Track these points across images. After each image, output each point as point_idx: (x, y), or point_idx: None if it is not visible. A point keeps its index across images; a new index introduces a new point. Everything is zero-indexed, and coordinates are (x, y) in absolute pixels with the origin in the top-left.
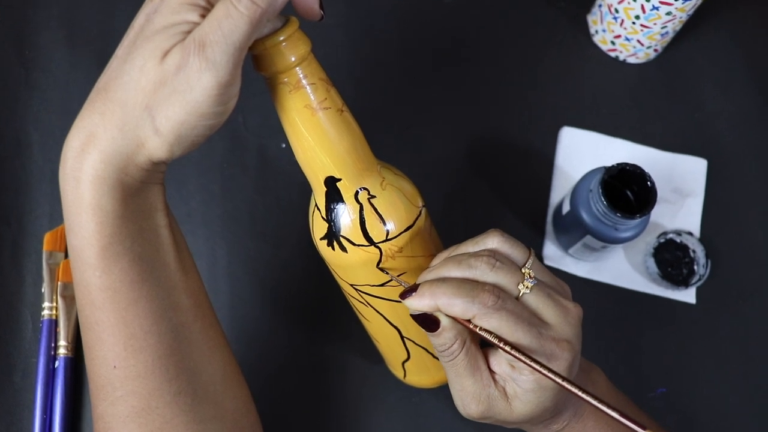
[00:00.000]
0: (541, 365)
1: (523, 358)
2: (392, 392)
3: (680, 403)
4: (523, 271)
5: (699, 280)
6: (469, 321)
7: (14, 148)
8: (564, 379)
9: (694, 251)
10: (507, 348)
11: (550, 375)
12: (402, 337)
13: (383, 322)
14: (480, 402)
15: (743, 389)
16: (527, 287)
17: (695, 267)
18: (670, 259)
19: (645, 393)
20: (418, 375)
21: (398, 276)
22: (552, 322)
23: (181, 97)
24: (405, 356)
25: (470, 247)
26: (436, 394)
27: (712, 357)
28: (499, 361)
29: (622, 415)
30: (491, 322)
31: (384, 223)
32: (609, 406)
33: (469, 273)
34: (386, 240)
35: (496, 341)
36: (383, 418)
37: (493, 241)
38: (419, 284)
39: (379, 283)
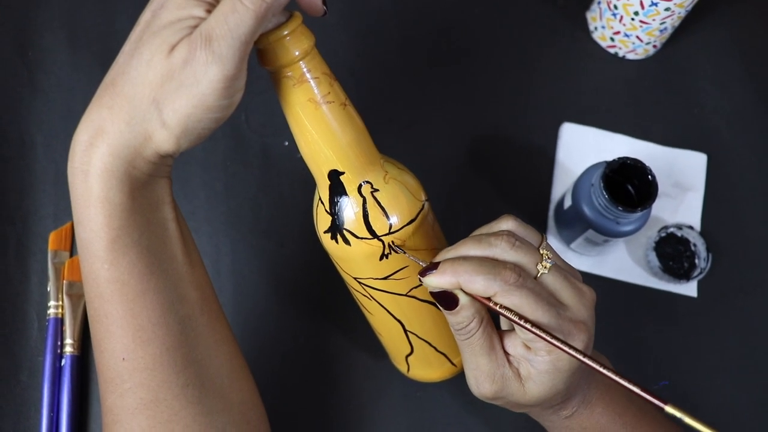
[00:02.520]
0: (564, 342)
1: (544, 335)
2: (396, 386)
3: (682, 396)
4: (540, 251)
5: (700, 273)
6: (488, 299)
7: (18, 149)
8: (585, 355)
9: (695, 245)
10: (527, 326)
11: (571, 352)
12: (405, 331)
13: (386, 316)
14: (494, 381)
15: (745, 382)
16: (545, 267)
17: (696, 260)
18: (672, 252)
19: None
20: (422, 369)
21: (401, 269)
22: (569, 303)
23: (188, 91)
24: (408, 350)
25: (485, 230)
26: (440, 388)
27: (713, 350)
28: (514, 343)
29: (643, 389)
30: (512, 299)
31: (387, 217)
32: (630, 381)
33: (489, 251)
34: (389, 233)
35: (516, 319)
36: (387, 412)
37: (507, 223)
38: (440, 262)
39: (382, 276)
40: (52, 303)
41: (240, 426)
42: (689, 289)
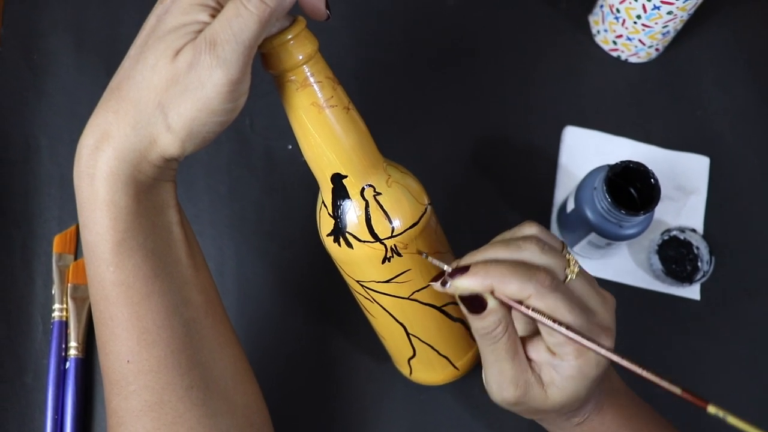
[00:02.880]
0: (601, 346)
1: (581, 339)
2: (399, 389)
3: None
4: (567, 256)
5: (703, 276)
6: (519, 302)
7: (23, 152)
8: (624, 357)
9: (697, 248)
10: (562, 329)
11: (610, 355)
12: (407, 334)
13: (389, 319)
14: (518, 386)
15: (748, 385)
16: (573, 272)
17: (699, 263)
18: (674, 255)
19: (650, 389)
20: (424, 372)
21: (404, 272)
22: (596, 309)
23: (193, 95)
24: (411, 353)
25: (508, 236)
26: (443, 391)
27: (716, 353)
28: (538, 348)
29: (684, 391)
30: (547, 302)
31: (389, 220)
32: (671, 382)
33: (519, 255)
34: (391, 236)
35: (549, 322)
36: (391, 415)
37: (531, 229)
38: (469, 264)
39: (385, 280)
40: (56, 306)
41: (244, 428)
42: (692, 292)
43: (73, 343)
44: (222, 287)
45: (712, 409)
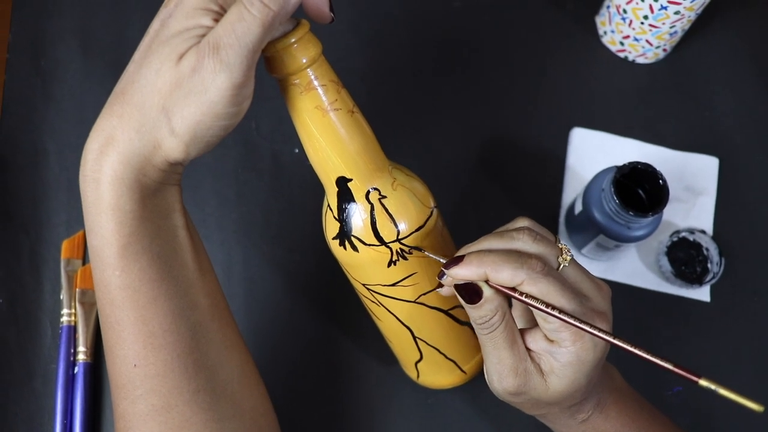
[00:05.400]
0: (593, 326)
1: (573, 321)
2: (407, 393)
3: (696, 402)
4: (559, 245)
5: (713, 278)
6: (513, 289)
7: (31, 158)
8: (616, 336)
9: (707, 249)
10: (555, 312)
11: (602, 335)
12: (414, 338)
13: (395, 322)
14: (518, 375)
15: (759, 386)
16: (566, 260)
17: (709, 265)
18: (684, 257)
19: (661, 391)
20: (431, 376)
21: (410, 276)
22: (590, 295)
23: (197, 99)
24: (418, 356)
25: (502, 229)
26: (452, 394)
27: (727, 355)
28: (536, 337)
29: (676, 366)
30: (540, 287)
31: (395, 224)
32: (663, 358)
33: (512, 244)
34: (397, 240)
35: (542, 306)
36: (398, 419)
37: (524, 222)
38: (464, 255)
39: (391, 283)
40: (65, 311)
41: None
42: (702, 293)
43: (81, 348)
44: (229, 291)
45: (704, 383)
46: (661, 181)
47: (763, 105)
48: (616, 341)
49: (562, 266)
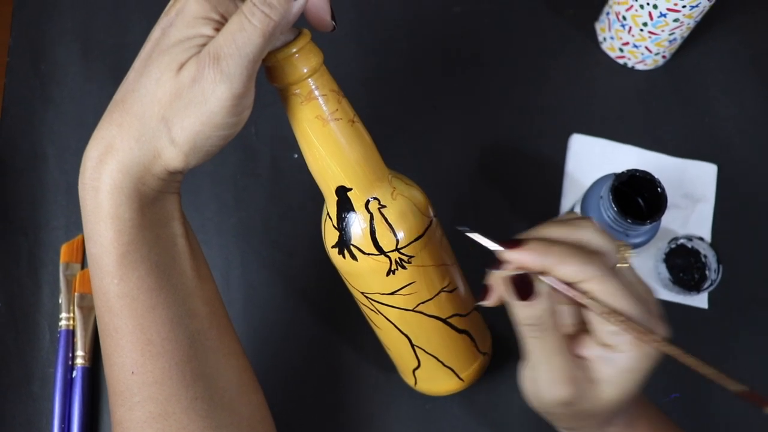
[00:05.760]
0: (650, 331)
1: (640, 327)
2: (405, 399)
3: (694, 408)
4: (618, 243)
5: (711, 285)
6: (571, 286)
7: (31, 161)
8: (679, 348)
9: (705, 256)
10: (619, 317)
11: (668, 347)
12: (412, 346)
13: (394, 330)
14: (573, 383)
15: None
16: (626, 259)
17: (707, 272)
18: (682, 264)
19: (658, 398)
20: (429, 383)
21: (408, 284)
22: (647, 298)
23: (197, 109)
24: (415, 364)
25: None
26: (450, 401)
27: (725, 361)
28: (586, 345)
29: (751, 392)
30: (607, 286)
31: (394, 233)
32: (729, 378)
33: (577, 235)
34: (396, 249)
35: (604, 309)
36: (396, 424)
37: (580, 216)
38: (522, 240)
39: (389, 292)
40: (63, 315)
41: None
42: (700, 300)
43: (79, 352)
44: (228, 296)
45: None
46: (659, 189)
47: (762, 112)
48: (680, 354)
49: (619, 265)
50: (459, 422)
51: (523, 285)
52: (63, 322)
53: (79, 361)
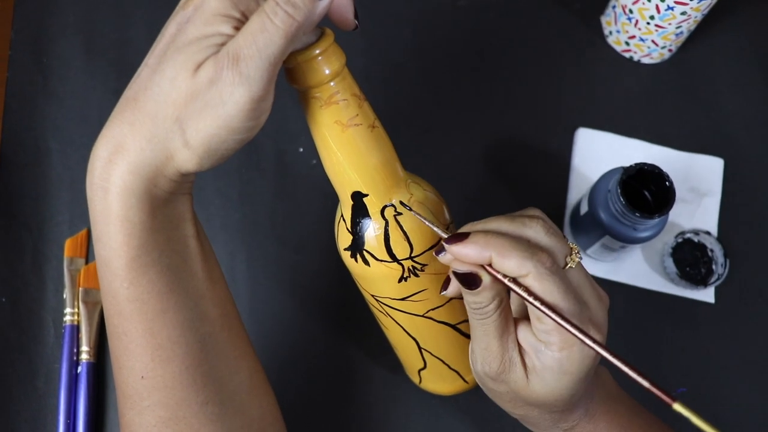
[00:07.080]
0: (585, 334)
1: (568, 326)
2: (411, 397)
3: (700, 403)
4: (570, 245)
5: (717, 279)
6: (514, 280)
7: (34, 156)
8: (604, 347)
9: (712, 250)
10: (553, 315)
11: (592, 344)
12: (419, 348)
13: (402, 333)
14: (502, 362)
15: (764, 388)
16: (574, 261)
17: (713, 266)
18: (689, 258)
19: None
20: (433, 383)
21: (420, 291)
22: (590, 303)
23: (213, 111)
24: (421, 365)
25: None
26: (456, 399)
27: (732, 356)
28: (526, 332)
29: (653, 384)
30: (544, 284)
31: (408, 241)
32: (643, 376)
33: (523, 231)
34: (410, 258)
35: (540, 305)
36: (403, 421)
37: (536, 211)
38: (468, 232)
39: (400, 297)
40: (68, 310)
41: None
42: (707, 295)
43: (84, 348)
44: (233, 291)
45: (677, 408)
46: (667, 183)
47: None
48: (607, 354)
49: (568, 267)
50: (465, 421)
51: (469, 277)
52: (68, 318)
53: (84, 357)
